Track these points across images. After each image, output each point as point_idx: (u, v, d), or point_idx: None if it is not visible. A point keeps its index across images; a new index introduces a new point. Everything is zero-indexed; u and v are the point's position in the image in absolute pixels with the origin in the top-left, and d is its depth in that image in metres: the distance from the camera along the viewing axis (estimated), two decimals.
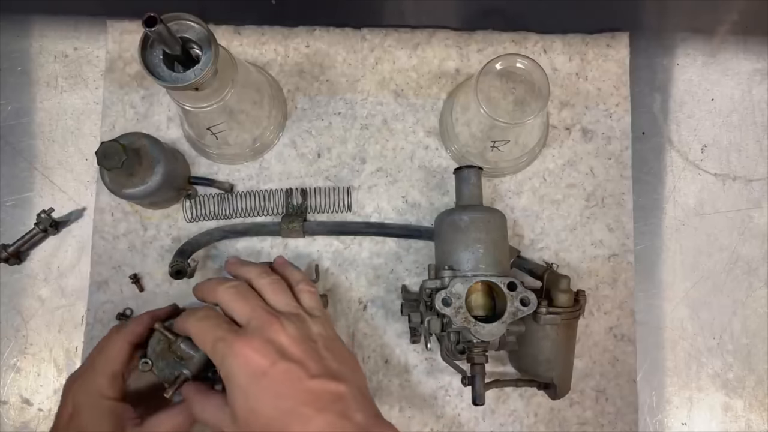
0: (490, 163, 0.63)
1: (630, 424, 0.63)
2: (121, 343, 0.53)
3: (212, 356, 0.47)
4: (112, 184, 0.57)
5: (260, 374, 0.44)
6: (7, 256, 0.63)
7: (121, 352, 0.52)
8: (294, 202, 0.64)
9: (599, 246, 0.65)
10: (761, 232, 0.67)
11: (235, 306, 0.49)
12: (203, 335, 0.48)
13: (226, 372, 0.45)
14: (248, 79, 0.57)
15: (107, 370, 0.51)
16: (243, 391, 0.44)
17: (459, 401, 0.63)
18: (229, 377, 0.45)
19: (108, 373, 0.51)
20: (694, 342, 0.65)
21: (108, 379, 0.51)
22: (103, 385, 0.51)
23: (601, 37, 0.68)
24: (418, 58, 0.67)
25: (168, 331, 0.52)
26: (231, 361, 0.45)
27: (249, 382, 0.44)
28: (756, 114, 0.68)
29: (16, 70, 0.67)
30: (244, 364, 0.44)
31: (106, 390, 0.51)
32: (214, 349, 0.46)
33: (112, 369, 0.52)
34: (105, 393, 0.51)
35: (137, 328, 0.54)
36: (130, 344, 0.53)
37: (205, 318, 0.49)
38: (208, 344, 0.47)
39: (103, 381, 0.51)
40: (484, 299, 0.54)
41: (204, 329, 0.48)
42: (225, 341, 0.46)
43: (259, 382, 0.44)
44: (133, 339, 0.53)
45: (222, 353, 0.45)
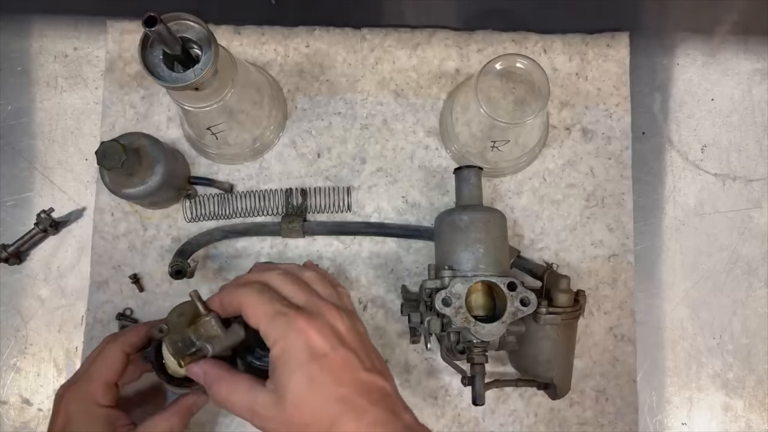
0: (490, 163, 0.63)
1: (630, 424, 0.63)
2: (116, 352, 0.52)
3: (267, 330, 0.43)
4: (112, 184, 0.57)
5: (322, 356, 0.42)
6: (7, 256, 0.63)
7: (116, 362, 0.52)
8: (294, 202, 0.64)
9: (599, 246, 0.65)
10: (761, 232, 0.67)
11: (289, 288, 0.46)
12: (260, 306, 0.44)
13: (283, 348, 0.42)
14: (248, 79, 0.57)
15: (102, 378, 0.51)
16: (303, 369, 0.42)
17: (459, 401, 0.63)
18: (288, 353, 0.42)
19: (102, 381, 0.51)
20: (694, 342, 0.65)
21: (102, 388, 0.51)
22: (97, 393, 0.50)
23: (601, 37, 0.68)
24: (418, 58, 0.67)
25: (201, 302, 0.48)
26: (293, 337, 0.42)
27: (310, 361, 0.42)
28: (756, 114, 0.68)
29: (16, 70, 0.67)
30: (307, 343, 0.42)
31: (100, 398, 0.50)
32: (272, 323, 0.43)
33: (107, 378, 0.51)
34: (99, 401, 0.50)
35: (133, 337, 0.53)
36: (125, 354, 0.52)
37: (262, 290, 0.45)
38: (265, 317, 0.44)
39: (98, 389, 0.50)
40: (484, 299, 0.54)
41: (262, 301, 0.44)
42: (286, 316, 0.43)
43: (321, 363, 0.42)
44: (128, 349, 0.52)
45: (282, 328, 0.43)
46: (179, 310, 0.49)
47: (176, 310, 0.49)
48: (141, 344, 0.53)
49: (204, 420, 0.62)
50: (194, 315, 0.48)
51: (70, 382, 0.52)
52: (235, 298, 0.46)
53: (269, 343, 0.43)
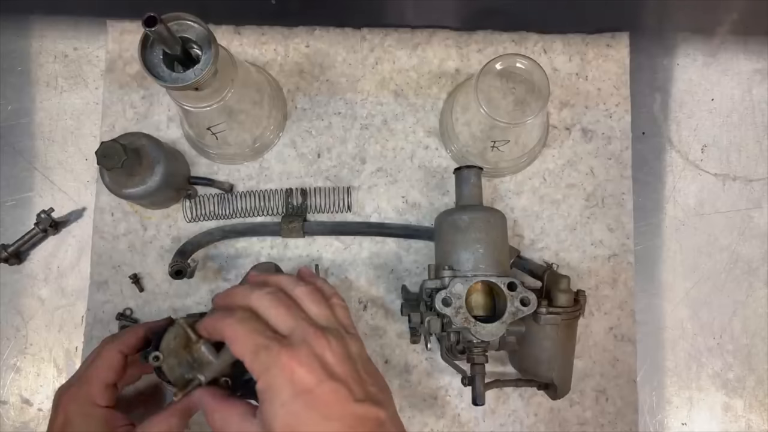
0: (490, 163, 0.63)
1: (630, 424, 0.63)
2: (114, 354, 0.52)
3: (251, 364, 0.42)
4: (112, 184, 0.57)
5: (306, 391, 0.41)
6: (7, 256, 0.63)
7: (113, 363, 0.51)
8: (294, 202, 0.64)
9: (599, 246, 0.65)
10: (761, 232, 0.67)
11: (275, 314, 0.45)
12: (243, 340, 0.43)
13: (267, 384, 0.41)
14: (248, 79, 0.57)
15: (100, 380, 0.51)
16: (286, 407, 0.40)
17: (459, 401, 0.63)
18: (271, 390, 0.41)
19: (101, 383, 0.51)
20: (694, 342, 0.65)
21: (100, 389, 0.50)
22: (95, 395, 0.50)
23: (601, 37, 0.68)
24: (418, 58, 0.67)
25: (191, 328, 0.48)
26: (276, 372, 0.41)
27: (294, 399, 0.41)
28: (756, 114, 0.68)
29: (16, 70, 0.67)
30: (290, 379, 0.41)
31: (98, 399, 0.50)
32: (254, 357, 0.42)
33: (105, 379, 0.51)
34: (97, 402, 0.50)
35: (131, 339, 0.53)
36: (123, 355, 0.52)
37: (246, 320, 0.44)
38: (247, 350, 0.43)
39: (96, 391, 0.50)
40: (484, 299, 0.54)
41: (245, 333, 0.43)
42: (269, 350, 0.42)
43: (305, 399, 0.41)
44: (126, 350, 0.52)
45: (265, 363, 0.42)
46: (174, 333, 0.50)
47: (171, 333, 0.50)
48: (139, 345, 0.53)
49: (204, 420, 0.61)
50: (188, 338, 0.49)
51: (69, 384, 0.52)
52: (220, 329, 0.45)
53: (253, 376, 0.43)
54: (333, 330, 0.45)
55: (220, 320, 0.45)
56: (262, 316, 0.45)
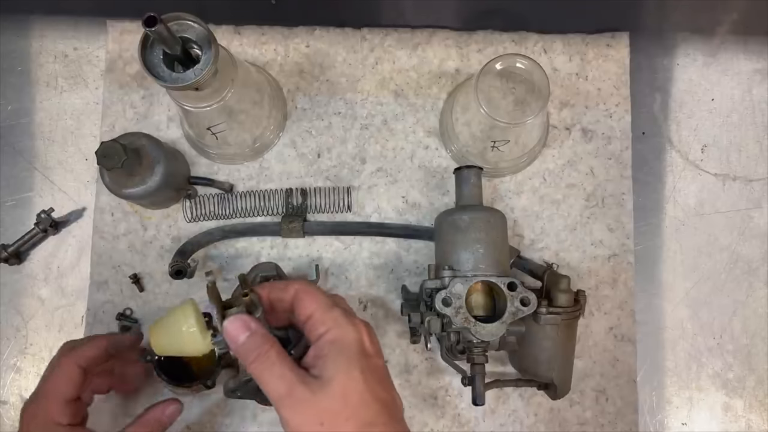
0: (490, 163, 0.63)
1: (630, 424, 0.63)
2: (70, 368, 0.48)
3: (323, 317, 0.42)
4: (112, 184, 0.57)
5: (371, 356, 0.42)
6: (7, 256, 0.63)
7: (71, 377, 0.48)
8: (294, 202, 0.64)
9: (599, 246, 0.65)
10: (761, 232, 0.67)
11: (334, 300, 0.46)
12: (318, 296, 0.44)
13: (338, 336, 0.41)
14: (248, 79, 0.57)
15: (58, 396, 0.48)
16: (357, 363, 0.41)
17: (459, 401, 0.63)
18: (342, 343, 0.41)
19: (59, 399, 0.47)
20: (694, 342, 0.65)
21: (60, 406, 0.47)
22: (54, 412, 0.47)
23: (601, 37, 0.68)
24: (418, 58, 0.67)
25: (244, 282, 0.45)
26: (349, 328, 0.42)
27: (362, 357, 0.42)
28: (756, 114, 0.68)
29: (16, 70, 0.67)
30: (360, 339, 0.42)
31: (57, 417, 0.47)
32: (328, 311, 0.43)
33: (64, 395, 0.48)
34: (58, 420, 0.47)
35: (90, 351, 0.50)
36: (81, 368, 0.49)
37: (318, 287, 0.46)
38: (322, 305, 0.43)
39: (54, 407, 0.47)
40: (484, 299, 0.54)
41: (320, 292, 0.44)
42: (341, 311, 0.43)
43: (368, 362, 0.42)
44: (84, 363, 0.49)
45: (339, 318, 0.42)
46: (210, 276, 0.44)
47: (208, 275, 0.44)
48: (99, 359, 0.50)
49: (204, 420, 0.62)
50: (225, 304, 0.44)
51: (30, 400, 0.49)
52: (290, 287, 0.44)
53: (319, 330, 0.42)
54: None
55: (292, 283, 0.45)
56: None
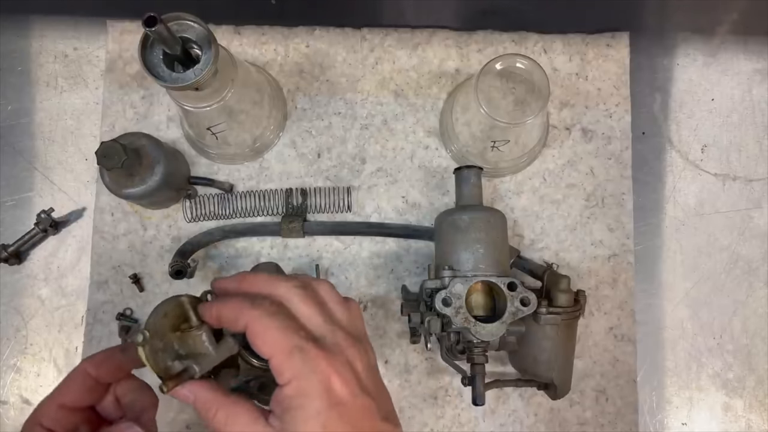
0: (490, 163, 0.63)
1: (630, 424, 0.63)
2: (77, 373, 0.44)
3: (281, 365, 0.38)
4: (112, 184, 0.57)
5: (340, 404, 0.38)
6: (7, 256, 0.63)
7: (76, 382, 0.44)
8: (294, 202, 0.64)
9: (599, 246, 0.65)
10: (761, 232, 0.67)
11: (306, 312, 0.41)
12: (274, 336, 0.39)
13: (300, 390, 0.38)
14: (248, 79, 0.57)
15: (54, 398, 0.43)
16: (320, 417, 0.38)
17: (459, 401, 0.63)
18: (304, 397, 0.38)
19: (53, 402, 0.44)
20: (694, 342, 0.65)
21: (52, 410, 0.43)
22: (44, 415, 0.43)
23: (601, 37, 0.68)
24: (418, 58, 0.67)
25: (194, 311, 0.42)
26: (313, 378, 0.38)
27: (328, 410, 0.38)
28: (756, 114, 0.68)
29: (16, 70, 0.67)
30: (327, 388, 0.38)
31: (45, 420, 0.43)
32: (287, 358, 0.38)
33: (61, 399, 0.44)
34: (43, 423, 0.43)
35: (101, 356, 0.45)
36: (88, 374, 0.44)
37: (276, 315, 0.40)
38: (279, 349, 0.39)
39: (47, 411, 0.43)
40: (484, 299, 0.54)
41: (277, 329, 0.39)
42: (305, 353, 0.38)
43: (339, 412, 0.38)
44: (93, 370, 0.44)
45: (300, 366, 0.38)
46: (163, 310, 0.43)
47: (160, 309, 0.43)
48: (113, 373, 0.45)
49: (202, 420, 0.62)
50: (180, 318, 0.43)
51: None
52: (241, 318, 0.40)
53: (281, 379, 0.39)
54: (358, 337, 0.43)
55: (242, 309, 0.40)
56: (291, 312, 0.41)
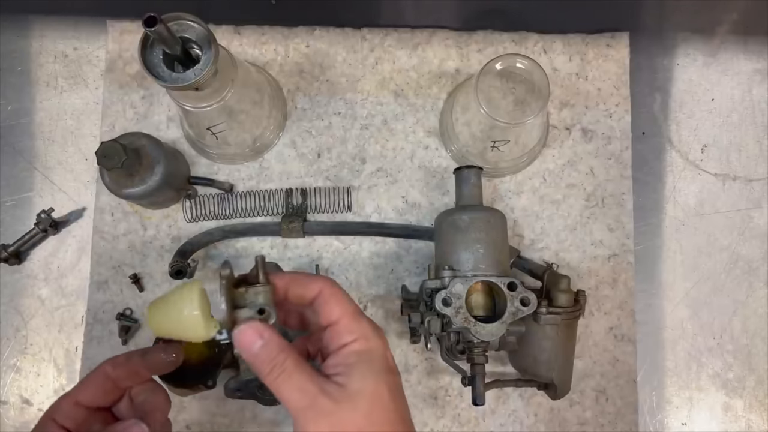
0: (490, 163, 0.63)
1: (630, 424, 0.63)
2: (96, 372, 0.44)
3: (351, 325, 0.40)
4: (112, 184, 0.57)
5: (395, 372, 0.41)
6: (7, 256, 0.63)
7: (95, 380, 0.44)
8: (294, 202, 0.64)
9: (599, 246, 0.65)
10: (761, 232, 0.67)
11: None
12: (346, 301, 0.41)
13: (368, 348, 0.39)
14: (248, 79, 0.57)
15: (73, 395, 0.44)
16: (385, 378, 0.39)
17: (459, 401, 0.63)
18: (370, 355, 0.39)
19: (70, 398, 0.44)
20: (694, 342, 0.65)
21: (67, 407, 0.43)
22: (59, 410, 0.43)
23: (601, 37, 0.68)
24: (418, 58, 0.67)
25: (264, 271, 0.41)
26: (378, 341, 0.40)
27: (386, 370, 0.40)
28: (756, 114, 0.68)
29: (16, 70, 0.67)
30: (386, 353, 0.40)
31: (58, 416, 0.43)
32: (357, 319, 0.40)
33: (75, 395, 0.44)
34: (56, 418, 0.43)
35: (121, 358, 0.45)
36: (106, 375, 0.44)
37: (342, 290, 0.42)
38: (350, 312, 0.40)
39: (63, 407, 0.43)
40: (484, 299, 0.54)
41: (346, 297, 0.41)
42: (368, 321, 0.41)
43: (391, 377, 0.40)
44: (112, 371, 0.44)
45: (368, 328, 0.40)
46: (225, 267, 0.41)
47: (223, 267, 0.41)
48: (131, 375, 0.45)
49: (204, 420, 0.62)
50: (236, 281, 0.42)
51: None
52: (314, 284, 0.41)
53: (344, 338, 0.40)
54: None
55: (315, 278, 0.42)
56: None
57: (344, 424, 0.37)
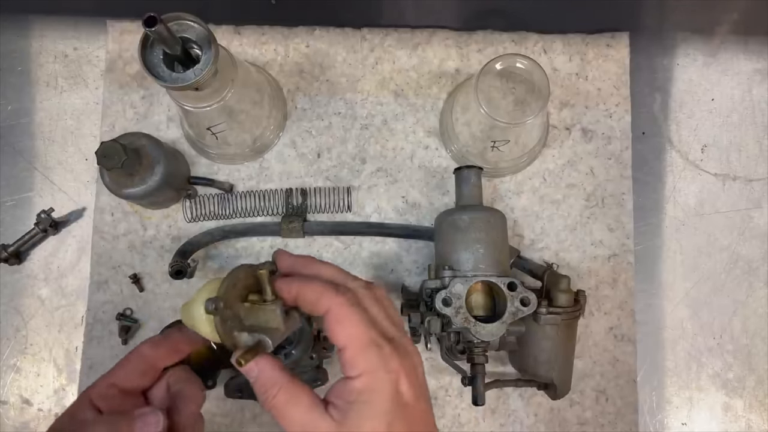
0: (490, 163, 0.63)
1: (630, 424, 0.63)
2: (134, 354, 0.45)
3: (356, 358, 0.38)
4: (112, 184, 0.57)
5: (406, 405, 0.38)
6: (7, 256, 0.63)
7: (130, 362, 0.45)
8: (294, 202, 0.64)
9: (599, 246, 0.65)
10: (761, 232, 0.67)
11: (378, 313, 0.41)
12: (355, 327, 0.39)
13: (371, 385, 0.38)
14: (248, 79, 0.57)
15: (108, 377, 0.45)
16: (386, 415, 0.37)
17: (459, 401, 0.63)
18: (373, 393, 0.38)
19: (108, 380, 0.44)
20: (694, 342, 0.65)
21: (103, 387, 0.44)
22: (95, 391, 0.44)
23: (601, 37, 0.68)
24: (418, 58, 0.67)
25: (270, 285, 0.40)
26: (383, 376, 0.38)
27: (395, 409, 0.38)
28: (756, 114, 0.68)
29: (16, 70, 0.67)
30: (395, 388, 0.38)
31: (95, 396, 0.44)
32: (364, 352, 0.38)
33: (114, 378, 0.44)
34: (93, 399, 0.43)
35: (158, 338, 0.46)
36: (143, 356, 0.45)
37: (357, 306, 0.40)
38: (358, 342, 0.38)
39: (99, 388, 0.44)
40: (484, 299, 0.54)
41: (358, 321, 0.39)
42: (381, 350, 0.38)
43: (404, 413, 0.38)
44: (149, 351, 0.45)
45: (375, 362, 0.38)
46: (233, 278, 0.40)
47: (230, 278, 0.40)
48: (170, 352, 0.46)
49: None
50: (248, 289, 0.41)
51: None
52: (324, 302, 0.40)
53: (352, 371, 0.38)
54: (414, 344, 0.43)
55: (325, 293, 0.40)
56: (366, 310, 0.41)
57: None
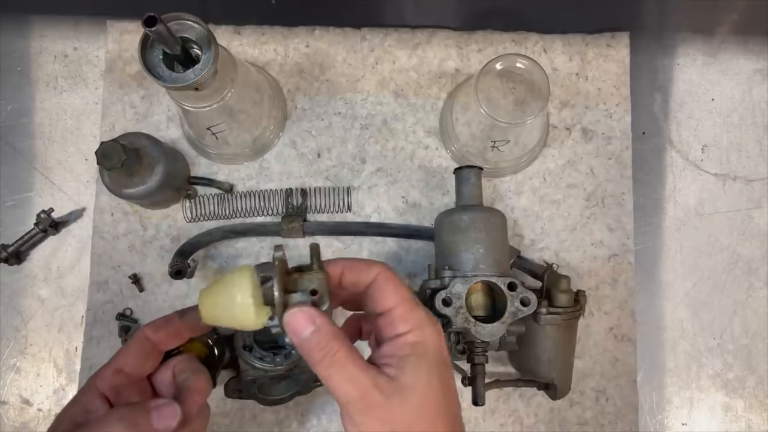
0: (490, 163, 0.63)
1: (630, 424, 0.63)
2: (136, 337, 0.44)
3: (406, 314, 0.39)
4: (112, 184, 0.57)
5: (446, 362, 0.40)
6: (7, 256, 0.63)
7: (131, 347, 0.44)
8: (294, 202, 0.64)
9: (599, 246, 0.65)
10: (761, 232, 0.67)
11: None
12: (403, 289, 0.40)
13: (422, 339, 0.38)
14: (248, 79, 0.57)
15: (113, 363, 0.44)
16: (439, 371, 0.38)
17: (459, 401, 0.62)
18: (424, 347, 0.38)
19: (112, 366, 0.44)
20: (694, 342, 0.65)
21: (108, 373, 0.43)
22: (101, 377, 0.43)
23: (601, 37, 0.68)
24: (418, 58, 0.67)
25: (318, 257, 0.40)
26: (432, 331, 0.39)
27: (441, 361, 0.39)
28: (756, 114, 0.68)
29: (15, 70, 0.67)
30: (440, 344, 0.39)
31: (100, 383, 0.43)
32: (413, 309, 0.39)
33: (118, 363, 0.43)
34: (98, 385, 0.43)
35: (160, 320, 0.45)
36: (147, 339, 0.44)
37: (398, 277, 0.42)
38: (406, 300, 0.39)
39: (104, 374, 0.43)
40: (485, 299, 0.54)
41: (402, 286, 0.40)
42: (428, 313, 0.40)
43: (446, 368, 0.40)
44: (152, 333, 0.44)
45: (423, 318, 0.39)
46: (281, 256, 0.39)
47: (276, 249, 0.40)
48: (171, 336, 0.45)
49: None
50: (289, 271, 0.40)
51: None
52: (372, 270, 0.40)
53: (399, 328, 0.39)
54: None
55: (373, 263, 0.41)
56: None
57: (394, 418, 0.36)
